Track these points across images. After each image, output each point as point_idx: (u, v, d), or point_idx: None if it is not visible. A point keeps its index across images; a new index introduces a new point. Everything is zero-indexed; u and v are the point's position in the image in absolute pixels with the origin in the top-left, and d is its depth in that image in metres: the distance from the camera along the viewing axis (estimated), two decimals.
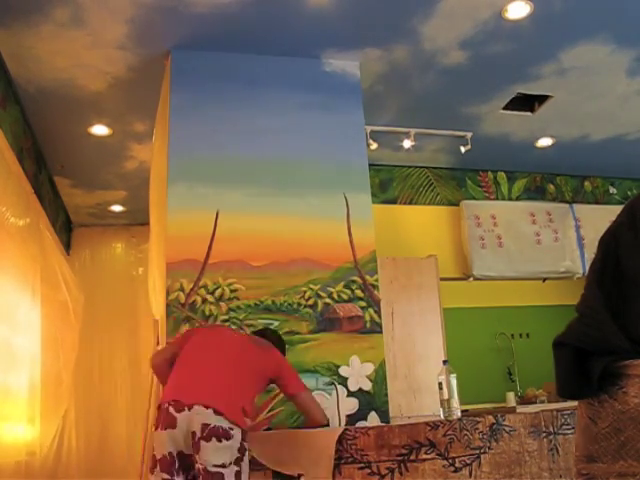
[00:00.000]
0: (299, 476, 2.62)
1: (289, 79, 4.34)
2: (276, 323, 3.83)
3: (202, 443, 2.45)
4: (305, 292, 3.94)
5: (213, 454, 2.45)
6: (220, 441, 2.46)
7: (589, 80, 4.87)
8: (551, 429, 2.69)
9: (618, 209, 1.33)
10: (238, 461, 2.49)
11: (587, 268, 5.99)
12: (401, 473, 2.47)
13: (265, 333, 3.26)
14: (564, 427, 2.71)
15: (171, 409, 2.55)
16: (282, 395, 3.68)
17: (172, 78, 4.16)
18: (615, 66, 4.71)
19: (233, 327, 3.70)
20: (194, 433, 2.48)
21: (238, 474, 2.48)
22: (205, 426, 2.47)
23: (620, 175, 6.88)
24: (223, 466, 2.44)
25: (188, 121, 4.08)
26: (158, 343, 4.06)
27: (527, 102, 5.28)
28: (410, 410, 4.92)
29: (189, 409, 2.52)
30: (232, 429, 2.51)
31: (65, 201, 6.72)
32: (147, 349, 4.47)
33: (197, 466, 2.46)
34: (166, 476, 2.49)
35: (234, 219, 3.95)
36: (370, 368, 3.87)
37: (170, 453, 2.51)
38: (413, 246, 5.78)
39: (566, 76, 4.80)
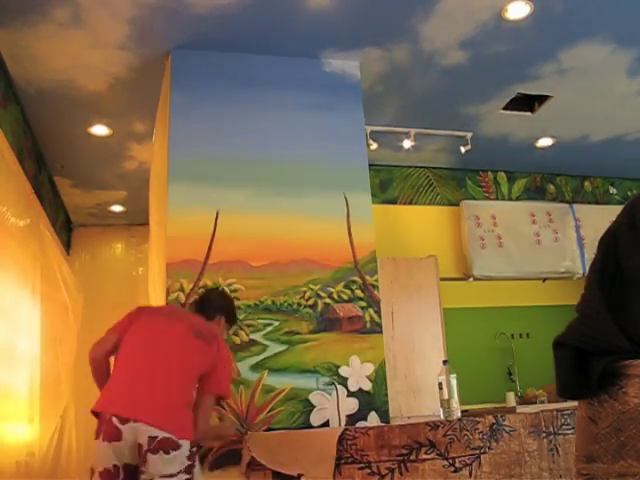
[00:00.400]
0: (299, 476, 2.62)
1: (289, 79, 4.34)
2: (276, 323, 3.83)
3: (149, 456, 2.38)
4: (305, 292, 3.94)
5: (161, 466, 2.38)
6: (168, 453, 2.39)
7: (589, 80, 4.87)
8: (551, 429, 2.69)
9: (618, 209, 1.33)
10: (189, 469, 2.43)
11: (587, 268, 5.99)
12: (401, 473, 2.47)
13: (210, 298, 3.14)
14: (564, 427, 2.71)
15: (115, 420, 2.47)
16: (282, 395, 3.69)
17: (172, 78, 4.16)
18: (615, 66, 4.71)
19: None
20: (140, 445, 2.41)
21: None
22: (152, 439, 2.40)
23: (620, 175, 6.88)
24: (172, 476, 2.38)
25: (188, 121, 4.08)
26: None
27: (527, 102, 5.28)
28: (410, 410, 4.92)
29: (134, 422, 2.44)
30: (180, 440, 2.44)
31: (65, 201, 6.73)
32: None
33: (143, 477, 2.40)
34: None
35: (234, 219, 3.95)
36: (370, 368, 3.87)
37: (115, 466, 2.44)
38: (413, 246, 5.78)
39: (566, 76, 4.80)
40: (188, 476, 2.42)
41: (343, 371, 3.83)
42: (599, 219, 6.18)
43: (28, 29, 3.94)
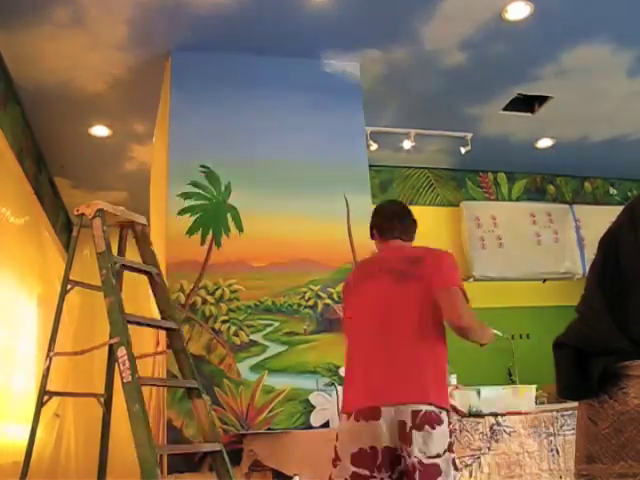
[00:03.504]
0: (294, 476, 2.62)
1: (289, 80, 4.35)
2: (276, 324, 3.83)
3: (414, 433, 2.12)
4: (305, 293, 3.94)
5: (428, 444, 2.13)
6: (434, 428, 2.14)
7: (589, 81, 4.87)
8: (551, 430, 2.69)
9: (618, 210, 1.33)
10: (451, 447, 2.18)
11: (587, 269, 5.98)
12: None
13: (403, 216, 2.58)
14: (564, 428, 2.71)
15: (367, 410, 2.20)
16: (282, 396, 3.69)
17: (172, 79, 4.16)
18: (615, 67, 4.71)
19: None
20: (403, 422, 2.14)
21: (454, 461, 2.17)
22: (416, 413, 2.13)
23: (620, 176, 6.88)
24: (438, 456, 2.13)
25: (188, 122, 4.08)
26: (158, 344, 4.06)
27: (527, 103, 5.28)
28: None
29: (388, 406, 2.16)
30: (441, 412, 2.19)
31: (65, 202, 6.72)
32: (147, 350, 4.46)
33: (409, 460, 2.12)
34: (365, 472, 2.15)
35: (234, 219, 3.96)
36: None
37: (372, 447, 2.16)
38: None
39: (566, 77, 4.80)
40: (453, 455, 2.18)
41: (343, 372, 3.82)
42: (599, 220, 6.14)
43: (28, 30, 3.94)
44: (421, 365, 2.22)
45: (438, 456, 2.10)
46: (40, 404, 2.96)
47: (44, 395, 2.97)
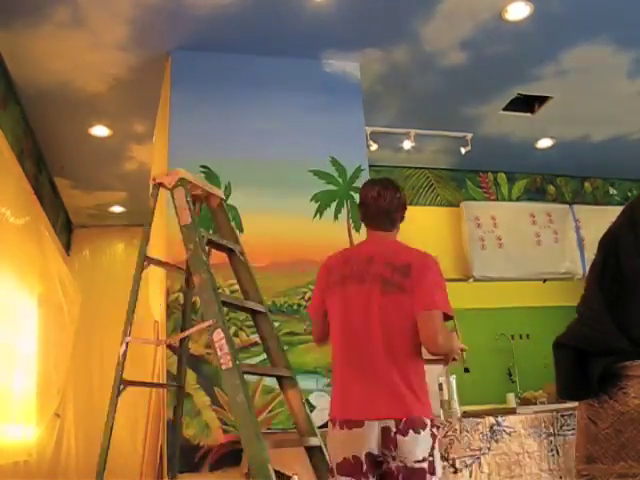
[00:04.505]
0: (293, 475, 2.62)
1: (289, 80, 4.35)
2: (276, 324, 3.82)
3: (399, 438, 2.12)
4: (305, 293, 3.94)
5: (413, 448, 2.12)
6: (418, 432, 2.14)
7: (589, 81, 4.87)
8: (551, 430, 2.69)
9: (618, 210, 1.33)
10: (432, 451, 2.17)
11: (587, 269, 5.98)
12: None
13: (385, 202, 2.47)
14: (564, 428, 2.71)
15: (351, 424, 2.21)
16: (282, 396, 3.69)
17: (172, 79, 4.16)
18: (615, 67, 4.71)
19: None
20: (388, 428, 2.14)
21: (432, 465, 2.15)
22: (400, 421, 2.14)
23: (620, 176, 6.88)
24: (423, 460, 2.13)
25: (188, 122, 4.08)
26: (158, 339, 4.06)
27: (527, 103, 5.28)
28: None
29: (370, 421, 2.17)
30: (424, 417, 2.19)
31: (65, 202, 6.73)
32: (147, 350, 4.46)
33: (393, 465, 2.12)
34: None
35: (234, 219, 3.95)
36: None
37: (354, 456, 2.16)
38: (413, 247, 5.77)
39: (566, 77, 4.80)
40: (431, 459, 2.15)
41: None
42: (599, 220, 6.16)
43: (28, 30, 3.94)
44: (404, 379, 2.20)
45: (423, 460, 2.11)
46: (117, 393, 2.70)
47: (120, 384, 2.71)
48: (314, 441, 2.57)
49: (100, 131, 5.24)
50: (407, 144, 5.44)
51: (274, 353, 2.80)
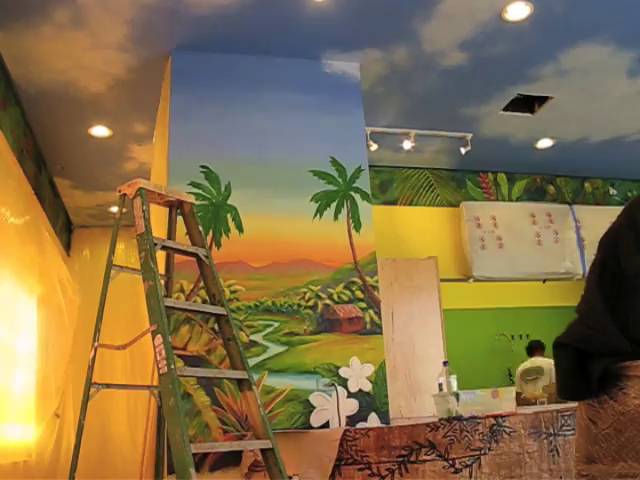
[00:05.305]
0: (293, 476, 2.62)
1: (289, 80, 4.35)
2: (276, 324, 3.83)
3: None
4: (305, 293, 3.94)
5: None
6: None
7: (589, 81, 4.87)
8: (551, 430, 2.69)
9: (618, 210, 1.33)
10: None
11: (587, 269, 5.98)
12: (401, 474, 2.47)
13: None
14: (564, 428, 2.71)
15: None
16: (282, 396, 3.70)
17: (172, 79, 4.16)
18: (615, 67, 4.71)
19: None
20: None
21: None
22: None
23: (620, 176, 6.88)
24: None
25: (188, 122, 4.08)
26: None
27: (527, 103, 5.28)
28: (410, 411, 4.92)
29: None
30: None
31: (65, 202, 6.73)
32: (146, 350, 4.46)
33: None
34: None
35: (234, 219, 3.96)
36: (370, 369, 3.86)
37: None
38: (413, 247, 5.78)
39: (566, 77, 4.80)
40: None
41: (343, 372, 3.83)
42: (599, 220, 6.16)
43: (28, 30, 3.94)
44: None
45: None
46: (87, 397, 2.77)
47: (90, 387, 2.79)
48: (267, 444, 2.65)
49: (100, 131, 5.24)
50: (407, 144, 5.44)
51: (234, 355, 2.87)
